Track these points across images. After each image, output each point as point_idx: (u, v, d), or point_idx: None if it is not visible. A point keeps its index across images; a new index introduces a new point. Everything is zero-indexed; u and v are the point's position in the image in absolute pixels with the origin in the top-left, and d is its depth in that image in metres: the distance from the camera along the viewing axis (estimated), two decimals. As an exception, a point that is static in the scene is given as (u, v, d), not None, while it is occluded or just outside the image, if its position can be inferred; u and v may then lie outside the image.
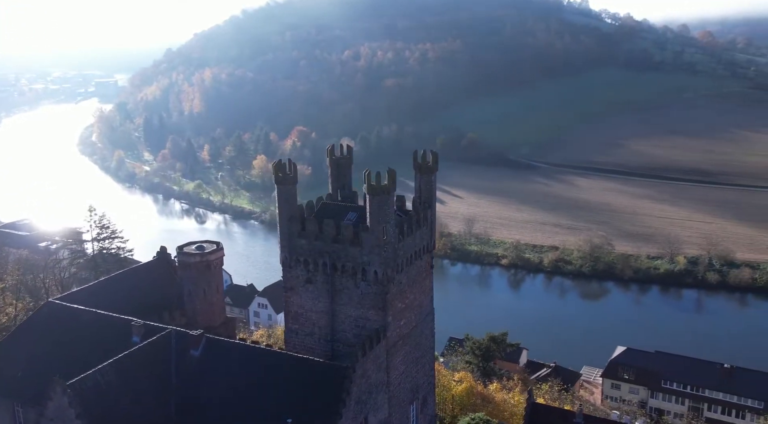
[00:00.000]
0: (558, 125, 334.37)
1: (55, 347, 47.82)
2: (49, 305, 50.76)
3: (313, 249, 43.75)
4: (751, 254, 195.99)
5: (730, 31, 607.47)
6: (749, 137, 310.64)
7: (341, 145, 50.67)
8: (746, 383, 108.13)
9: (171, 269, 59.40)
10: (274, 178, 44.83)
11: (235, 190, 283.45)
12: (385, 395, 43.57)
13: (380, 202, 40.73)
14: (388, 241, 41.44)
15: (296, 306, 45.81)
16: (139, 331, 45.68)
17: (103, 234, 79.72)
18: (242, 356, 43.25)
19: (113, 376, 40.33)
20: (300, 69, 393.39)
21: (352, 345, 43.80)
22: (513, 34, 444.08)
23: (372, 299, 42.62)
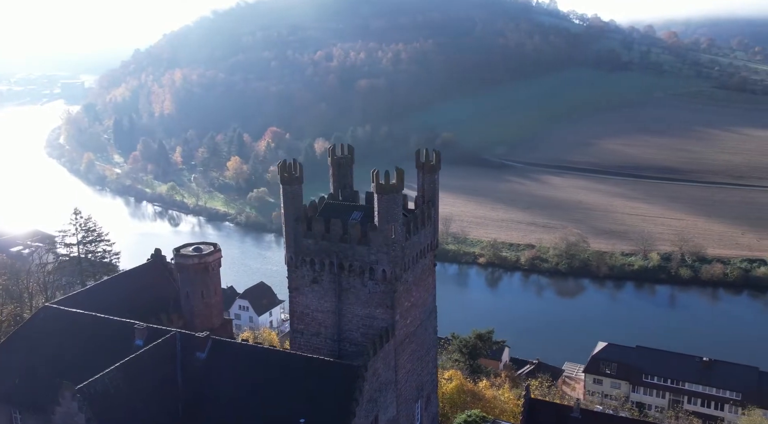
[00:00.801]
0: (531, 125, 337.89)
1: (54, 352, 47.08)
2: (45, 309, 49.91)
3: (320, 249, 43.72)
4: (722, 249, 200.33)
5: (694, 31, 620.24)
6: (717, 135, 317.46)
7: (342, 145, 50.67)
8: (724, 375, 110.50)
9: (167, 272, 58.83)
10: (280, 178, 44.70)
11: (209, 192, 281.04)
12: (394, 394, 43.77)
13: (389, 201, 40.88)
14: (396, 240, 41.63)
15: (302, 306, 45.72)
16: (142, 334, 45.19)
17: (88, 237, 78.48)
18: (250, 357, 43.06)
19: (121, 380, 39.85)
20: (272, 70, 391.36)
21: (359, 344, 43.89)
22: (484, 34, 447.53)
23: (380, 297, 42.74)
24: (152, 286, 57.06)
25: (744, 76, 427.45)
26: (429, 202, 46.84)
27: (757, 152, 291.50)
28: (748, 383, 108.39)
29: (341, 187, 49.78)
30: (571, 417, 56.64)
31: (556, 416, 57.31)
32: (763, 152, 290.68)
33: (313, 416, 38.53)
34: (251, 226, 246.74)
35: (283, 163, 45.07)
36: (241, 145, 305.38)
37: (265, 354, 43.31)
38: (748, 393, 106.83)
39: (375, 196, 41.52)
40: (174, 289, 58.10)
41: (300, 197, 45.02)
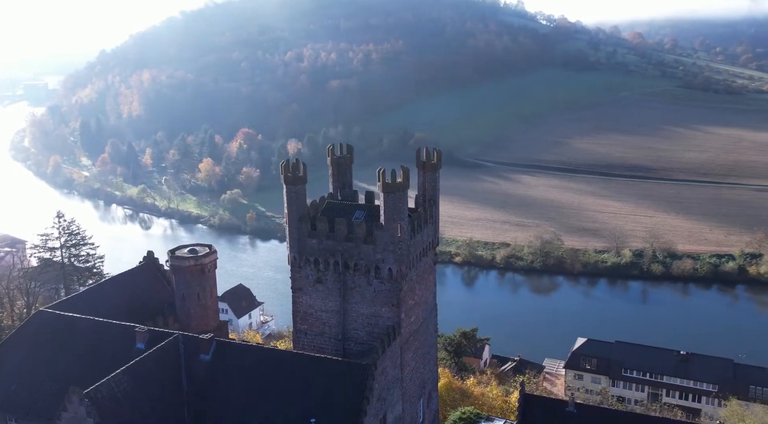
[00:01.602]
0: (502, 124, 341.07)
1: (52, 357, 46.34)
2: (40, 314, 49.04)
3: (324, 248, 43.73)
4: (691, 245, 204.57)
5: (657, 32, 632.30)
6: (683, 134, 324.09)
7: (340, 145, 50.72)
8: (700, 368, 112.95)
9: (159, 274, 58.22)
10: (283, 178, 44.52)
11: (181, 195, 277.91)
12: (399, 392, 44.01)
13: (395, 200, 41.11)
14: (403, 238, 41.87)
15: (305, 306, 45.66)
16: (143, 337, 44.70)
17: (71, 241, 77.06)
18: (256, 358, 42.89)
19: (127, 383, 39.38)
20: (242, 70, 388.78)
21: (363, 343, 44.01)
22: (454, 35, 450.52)
23: (385, 296, 42.92)
24: (146, 289, 56.44)
25: (707, 75, 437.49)
26: (430, 200, 47.14)
27: (722, 150, 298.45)
28: (724, 375, 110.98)
29: (340, 186, 49.86)
30: (566, 411, 57.16)
31: (551, 410, 57.69)
32: (727, 150, 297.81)
33: (324, 415, 38.55)
34: (225, 228, 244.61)
35: (287, 163, 45.01)
36: (212, 146, 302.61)
37: (272, 355, 43.18)
38: (724, 385, 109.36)
39: (381, 195, 41.70)
40: (167, 291, 57.58)
41: (304, 197, 44.98)
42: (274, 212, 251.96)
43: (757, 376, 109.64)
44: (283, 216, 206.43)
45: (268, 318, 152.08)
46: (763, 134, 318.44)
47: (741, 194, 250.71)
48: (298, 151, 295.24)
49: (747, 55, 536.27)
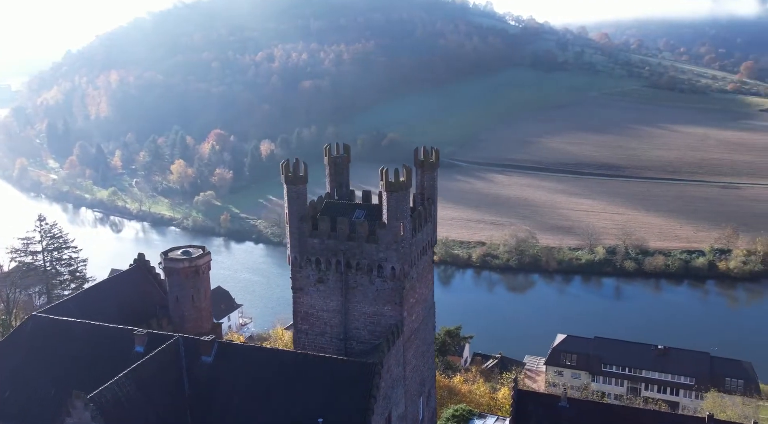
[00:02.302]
0: (474, 124, 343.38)
1: (47, 363, 45.47)
2: (33, 318, 48.04)
3: (326, 248, 43.69)
4: (662, 242, 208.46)
5: (623, 33, 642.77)
6: (650, 133, 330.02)
7: (337, 145, 50.73)
8: (678, 362, 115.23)
9: (151, 277, 57.55)
10: (284, 178, 44.30)
11: (153, 197, 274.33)
12: (402, 390, 44.19)
13: (398, 199, 41.28)
14: (405, 237, 42.07)
15: (306, 306, 45.56)
16: (142, 340, 44.13)
17: (53, 244, 75.59)
18: (259, 360, 42.69)
19: (130, 387, 38.87)
20: (213, 71, 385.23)
21: (365, 342, 44.09)
22: (424, 35, 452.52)
23: (388, 294, 43.05)
24: (137, 292, 55.75)
25: (672, 75, 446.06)
26: (429, 199, 47.42)
27: (688, 148, 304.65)
28: (701, 368, 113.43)
29: (337, 186, 49.81)
30: (559, 406, 58.03)
31: (544, 406, 58.47)
32: (693, 148, 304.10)
33: (331, 415, 38.50)
34: (198, 230, 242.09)
35: (287, 163, 44.82)
36: (184, 148, 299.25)
37: (275, 355, 43.01)
38: (701, 378, 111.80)
39: (384, 194, 41.82)
40: (159, 294, 56.98)
41: (304, 197, 44.83)
42: (249, 213, 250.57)
43: (733, 368, 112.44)
44: (257, 217, 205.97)
45: (248, 320, 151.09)
46: (727, 133, 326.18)
47: (707, 191, 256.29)
48: (271, 152, 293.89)
49: (710, 55, 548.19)
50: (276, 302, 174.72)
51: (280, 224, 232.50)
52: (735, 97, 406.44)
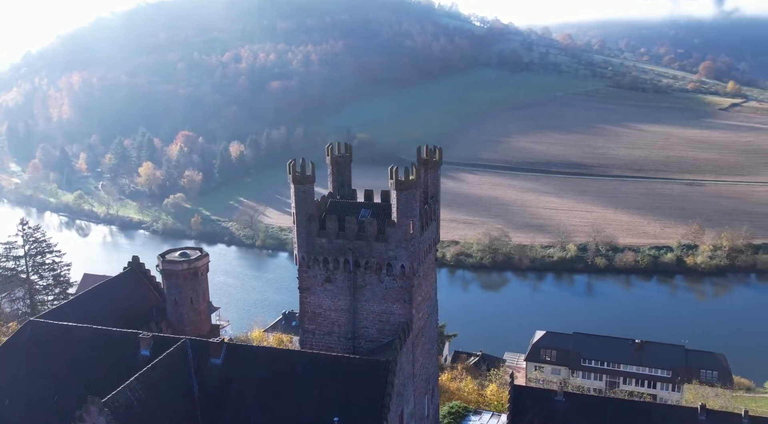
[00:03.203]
0: (443, 124, 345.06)
1: (48, 369, 44.45)
2: (31, 324, 46.91)
3: (334, 247, 43.67)
4: (631, 238, 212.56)
5: (586, 34, 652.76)
6: (616, 131, 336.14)
7: (338, 144, 50.71)
8: (654, 355, 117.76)
9: (146, 280, 56.67)
10: (292, 177, 44.11)
11: (120, 200, 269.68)
12: (412, 387, 44.41)
13: (408, 197, 41.50)
14: (415, 235, 42.31)
15: (313, 306, 45.47)
16: (147, 343, 43.47)
17: (36, 248, 73.83)
18: (270, 360, 42.47)
19: (142, 391, 38.28)
20: (179, 72, 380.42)
21: (374, 340, 44.19)
22: (391, 36, 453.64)
23: (397, 292, 43.21)
24: (133, 295, 54.77)
25: (634, 75, 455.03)
26: (433, 198, 47.74)
27: (653, 146, 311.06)
28: (677, 361, 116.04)
29: (339, 185, 49.79)
30: (555, 401, 58.91)
31: (540, 400, 59.20)
32: (657, 146, 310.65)
33: (346, 414, 38.49)
34: (169, 233, 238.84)
35: (294, 162, 44.64)
36: (151, 150, 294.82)
37: (286, 356, 42.83)
38: (677, 370, 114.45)
39: (393, 193, 41.99)
40: (155, 297, 56.14)
41: (312, 196, 44.71)
42: (220, 215, 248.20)
43: (708, 360, 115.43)
44: (229, 219, 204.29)
45: (225, 323, 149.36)
46: (690, 131, 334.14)
47: (673, 189, 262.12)
48: (240, 153, 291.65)
49: (669, 55, 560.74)
50: (252, 305, 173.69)
51: (253, 225, 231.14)
52: (695, 96, 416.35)
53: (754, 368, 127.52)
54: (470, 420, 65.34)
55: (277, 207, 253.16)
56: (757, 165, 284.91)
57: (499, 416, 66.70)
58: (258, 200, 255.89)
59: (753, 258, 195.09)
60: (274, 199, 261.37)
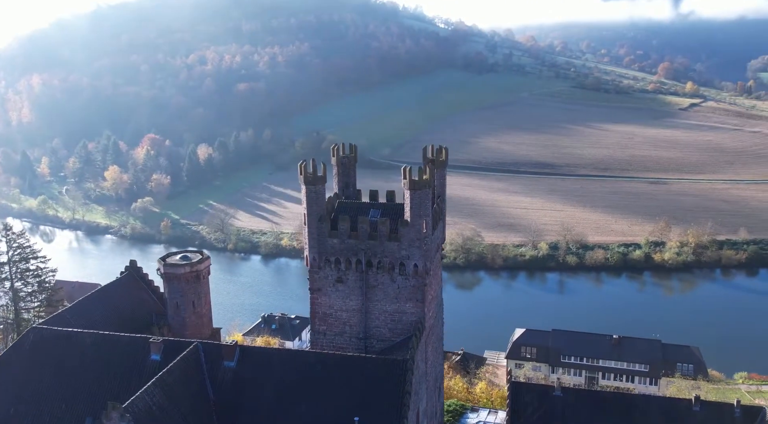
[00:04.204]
0: (411, 125, 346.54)
1: (55, 376, 43.67)
2: (34, 331, 45.97)
3: (346, 247, 43.77)
4: (600, 236, 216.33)
5: (547, 35, 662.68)
6: (581, 131, 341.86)
7: (342, 145, 50.80)
8: (632, 350, 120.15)
9: (144, 284, 55.98)
10: (303, 178, 44.05)
11: (86, 205, 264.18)
12: (425, 386, 44.74)
13: (421, 197, 41.86)
14: (428, 234, 42.67)
15: (325, 307, 45.48)
16: (158, 348, 43.00)
17: (21, 254, 72.01)
18: (284, 362, 42.38)
19: (160, 396, 37.90)
20: (142, 74, 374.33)
21: (386, 340, 44.43)
22: (357, 37, 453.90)
23: (410, 292, 43.53)
24: (132, 300, 54.23)
25: (597, 76, 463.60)
26: (439, 197, 48.17)
27: (617, 146, 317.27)
28: (653, 355, 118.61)
29: (344, 186, 49.88)
30: (553, 396, 59.92)
31: (539, 396, 60.12)
32: (622, 146, 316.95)
33: (366, 414, 38.63)
34: (138, 238, 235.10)
35: (306, 163, 44.59)
36: (117, 153, 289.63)
37: (301, 357, 42.75)
38: (654, 364, 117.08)
39: (407, 193, 42.31)
40: (154, 301, 55.56)
41: (323, 197, 44.72)
42: (190, 219, 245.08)
43: (683, 354, 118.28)
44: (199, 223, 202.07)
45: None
46: (652, 130, 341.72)
47: (638, 187, 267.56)
48: (209, 156, 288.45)
49: (629, 57, 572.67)
50: (228, 309, 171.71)
51: (224, 229, 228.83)
52: (656, 96, 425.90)
53: (723, 361, 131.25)
54: (468, 417, 65.99)
55: (247, 210, 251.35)
56: (717, 163, 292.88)
57: (496, 413, 67.49)
58: (228, 203, 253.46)
59: (718, 254, 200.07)
60: (245, 202, 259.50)
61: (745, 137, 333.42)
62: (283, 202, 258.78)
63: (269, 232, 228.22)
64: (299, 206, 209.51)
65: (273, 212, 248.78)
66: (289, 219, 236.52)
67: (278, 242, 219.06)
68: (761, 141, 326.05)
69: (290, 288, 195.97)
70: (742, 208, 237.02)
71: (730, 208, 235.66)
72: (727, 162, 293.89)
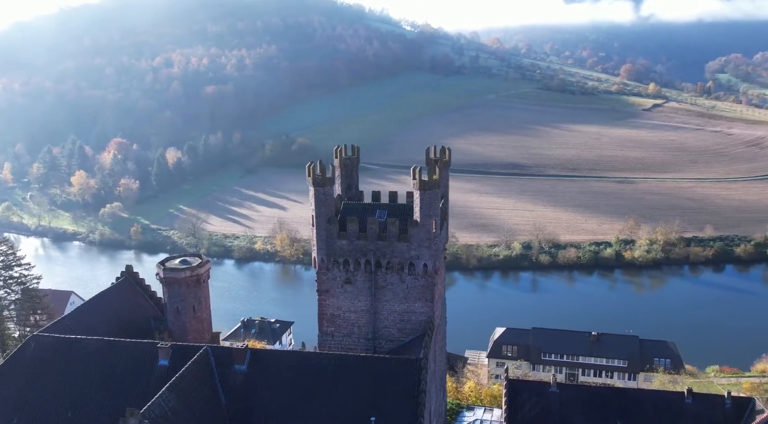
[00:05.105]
0: (380, 127, 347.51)
1: (57, 384, 42.81)
2: (36, 339, 44.95)
3: (355, 248, 43.84)
4: (571, 235, 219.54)
5: (512, 37, 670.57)
6: (548, 132, 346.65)
7: (344, 146, 50.83)
8: (611, 346, 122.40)
9: (141, 289, 55.19)
10: (312, 180, 43.95)
11: (52, 211, 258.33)
12: (434, 385, 45.02)
13: (431, 197, 42.19)
14: (437, 233, 42.99)
15: (333, 308, 45.47)
16: (166, 353, 42.49)
17: (3, 261, 70.25)
18: (296, 364, 42.24)
19: (175, 401, 37.48)
20: (107, 77, 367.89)
21: (395, 340, 44.63)
22: (325, 40, 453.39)
23: (419, 291, 43.81)
24: (131, 305, 53.36)
25: (562, 78, 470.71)
26: (443, 197, 48.53)
27: (585, 146, 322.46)
28: (631, 350, 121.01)
29: (346, 187, 49.94)
30: (550, 392, 60.81)
31: (535, 392, 60.95)
32: (589, 146, 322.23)
33: (381, 413, 38.73)
34: (107, 244, 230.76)
35: (314, 164, 44.52)
36: (83, 158, 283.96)
37: (313, 359, 42.53)
38: (632, 360, 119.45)
39: (416, 193, 42.61)
40: (152, 306, 54.80)
41: (332, 199, 44.68)
42: (160, 224, 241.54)
43: (660, 349, 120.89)
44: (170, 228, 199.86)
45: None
46: (618, 130, 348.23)
47: (606, 186, 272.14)
48: (178, 160, 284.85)
49: (592, 59, 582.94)
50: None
51: (196, 233, 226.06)
52: (620, 97, 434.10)
53: (695, 355, 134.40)
54: (464, 416, 66.52)
55: (219, 214, 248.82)
56: (681, 162, 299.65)
57: (492, 411, 68.10)
58: (199, 207, 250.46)
59: (686, 251, 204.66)
60: (216, 206, 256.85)
61: (707, 137, 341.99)
62: (254, 205, 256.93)
63: (242, 236, 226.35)
64: (271, 210, 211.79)
65: (245, 216, 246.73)
66: (262, 223, 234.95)
67: (252, 245, 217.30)
68: (722, 140, 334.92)
69: (266, 292, 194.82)
70: (706, 205, 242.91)
71: (695, 206, 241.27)
72: (690, 161, 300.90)
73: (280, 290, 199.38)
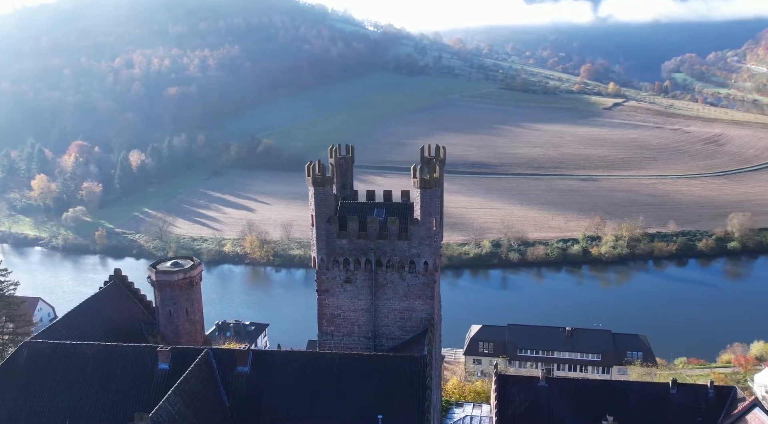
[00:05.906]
0: (346, 128, 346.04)
1: (52, 390, 41.88)
2: (28, 345, 43.89)
3: (355, 248, 43.90)
4: (539, 233, 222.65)
5: (474, 38, 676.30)
6: (513, 131, 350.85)
7: (338, 146, 50.82)
8: (585, 341, 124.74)
9: (131, 292, 54.31)
10: (312, 179, 43.85)
11: (12, 216, 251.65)
12: (434, 381, 45.32)
13: (431, 195, 42.51)
14: (437, 231, 43.33)
15: (332, 308, 45.43)
16: (166, 357, 41.95)
17: (-21, 269, 68.34)
18: (299, 364, 42.03)
19: (181, 405, 37.08)
20: (66, 78, 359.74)
21: (395, 338, 44.81)
22: (288, 40, 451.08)
23: (419, 289, 44.09)
24: (121, 310, 52.47)
25: (524, 78, 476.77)
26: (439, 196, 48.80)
27: (549, 145, 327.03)
28: (605, 345, 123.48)
29: (341, 187, 49.95)
30: (539, 386, 61.93)
31: (524, 387, 62.06)
32: (554, 145, 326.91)
33: (388, 411, 38.88)
34: (70, 249, 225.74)
35: (312, 165, 44.43)
36: (43, 161, 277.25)
37: (316, 358, 42.38)
38: (606, 354, 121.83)
39: (417, 191, 42.87)
40: (141, 310, 53.99)
41: (331, 198, 44.65)
42: (125, 228, 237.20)
43: (633, 342, 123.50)
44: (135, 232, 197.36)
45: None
46: (580, 129, 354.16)
47: (571, 184, 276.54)
48: (141, 162, 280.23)
49: (553, 59, 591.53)
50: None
51: (163, 237, 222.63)
52: (581, 97, 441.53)
53: (663, 347, 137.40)
54: (454, 412, 67.01)
55: (186, 217, 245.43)
56: (642, 160, 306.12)
57: (481, 406, 68.77)
58: (165, 210, 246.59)
59: (650, 246, 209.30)
60: (182, 209, 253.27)
61: (666, 134, 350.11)
62: (222, 207, 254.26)
63: (210, 238, 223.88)
64: (239, 212, 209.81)
65: (213, 218, 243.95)
66: (230, 225, 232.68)
67: (221, 248, 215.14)
68: (681, 138, 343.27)
69: (236, 295, 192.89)
70: (668, 201, 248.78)
71: (657, 202, 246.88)
72: (651, 158, 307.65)
73: (252, 293, 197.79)
